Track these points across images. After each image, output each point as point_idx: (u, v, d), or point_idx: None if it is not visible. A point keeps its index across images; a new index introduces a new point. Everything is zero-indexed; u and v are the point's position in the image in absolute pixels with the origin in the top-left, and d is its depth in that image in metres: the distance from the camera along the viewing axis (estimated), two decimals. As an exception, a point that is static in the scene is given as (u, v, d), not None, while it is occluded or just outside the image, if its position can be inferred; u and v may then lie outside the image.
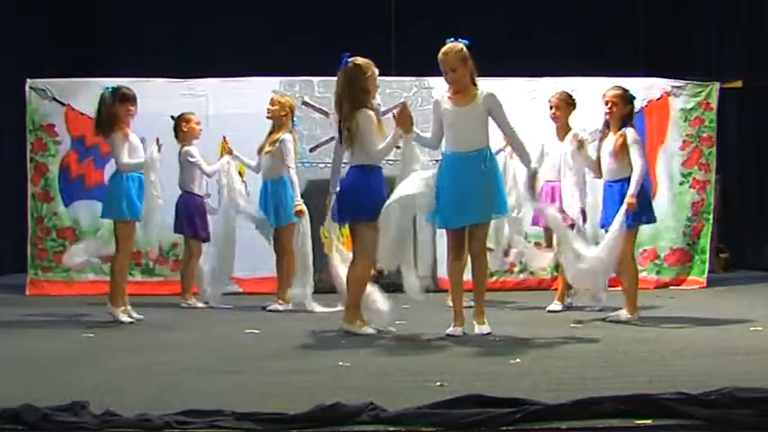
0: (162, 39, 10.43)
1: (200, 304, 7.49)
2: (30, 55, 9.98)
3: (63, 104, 8.61)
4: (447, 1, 10.60)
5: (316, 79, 8.71)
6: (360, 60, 5.86)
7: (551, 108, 7.32)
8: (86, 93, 8.64)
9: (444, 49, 5.75)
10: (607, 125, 6.54)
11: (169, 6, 10.59)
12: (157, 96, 8.45)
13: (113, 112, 6.63)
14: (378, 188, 5.81)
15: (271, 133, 7.37)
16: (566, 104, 7.30)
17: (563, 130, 7.24)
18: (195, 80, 8.66)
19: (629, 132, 6.39)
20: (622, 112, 6.45)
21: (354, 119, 5.77)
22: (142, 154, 6.65)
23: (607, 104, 6.48)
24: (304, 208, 7.13)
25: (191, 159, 7.49)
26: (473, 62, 5.75)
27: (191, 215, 7.53)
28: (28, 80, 8.63)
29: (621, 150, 6.36)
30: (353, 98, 5.80)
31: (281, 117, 7.32)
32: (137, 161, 6.62)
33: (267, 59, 9.44)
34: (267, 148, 7.32)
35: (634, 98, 6.61)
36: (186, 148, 7.54)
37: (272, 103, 7.38)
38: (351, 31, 10.30)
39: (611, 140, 6.44)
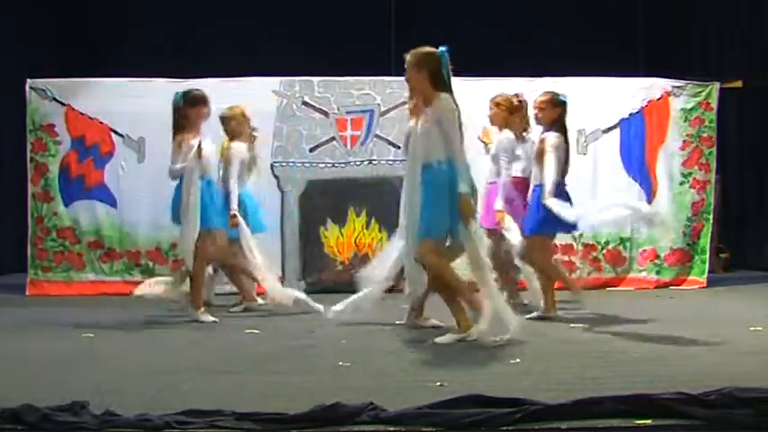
0: (162, 39, 10.43)
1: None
2: (30, 55, 9.98)
3: (63, 104, 8.60)
4: (447, 1, 10.60)
5: (316, 79, 8.71)
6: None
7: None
8: (86, 93, 8.67)
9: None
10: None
11: (169, 6, 10.60)
12: (157, 96, 8.45)
13: (184, 115, 6.61)
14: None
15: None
16: (505, 109, 7.16)
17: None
18: (195, 80, 8.64)
19: (549, 136, 6.41)
20: (550, 116, 6.46)
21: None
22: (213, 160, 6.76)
23: (536, 110, 6.55)
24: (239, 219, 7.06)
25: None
26: (432, 70, 5.46)
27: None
28: (28, 80, 8.63)
29: (542, 155, 6.38)
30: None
31: (245, 128, 7.36)
32: (179, 166, 6.60)
33: (267, 59, 9.44)
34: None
35: (564, 102, 6.56)
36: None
37: (236, 115, 7.34)
38: (351, 31, 10.31)
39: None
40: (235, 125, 7.33)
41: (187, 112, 6.57)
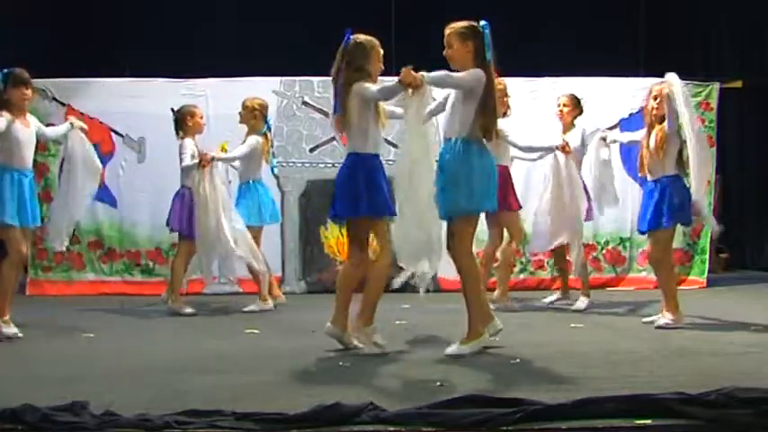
0: (162, 39, 10.43)
1: (188, 310, 7.11)
2: (30, 55, 9.97)
3: (63, 104, 8.59)
4: (447, 1, 10.59)
5: (316, 79, 8.71)
6: (362, 38, 5.48)
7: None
8: (86, 93, 8.66)
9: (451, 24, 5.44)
10: (650, 122, 6.32)
11: (169, 6, 10.58)
12: (157, 96, 8.46)
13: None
14: (382, 178, 5.32)
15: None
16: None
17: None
18: (195, 80, 8.65)
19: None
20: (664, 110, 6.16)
21: (349, 93, 5.29)
22: None
23: (656, 99, 6.19)
24: (207, 156, 7.07)
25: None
26: (477, 45, 5.32)
27: (189, 211, 7.43)
28: (28, 80, 8.62)
29: (662, 145, 6.12)
30: (356, 71, 5.36)
31: (249, 121, 7.36)
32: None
33: (267, 59, 9.43)
34: None
35: None
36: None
37: (243, 107, 7.41)
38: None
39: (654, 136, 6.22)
40: (245, 114, 7.42)
41: None
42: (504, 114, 7.09)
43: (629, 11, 10.77)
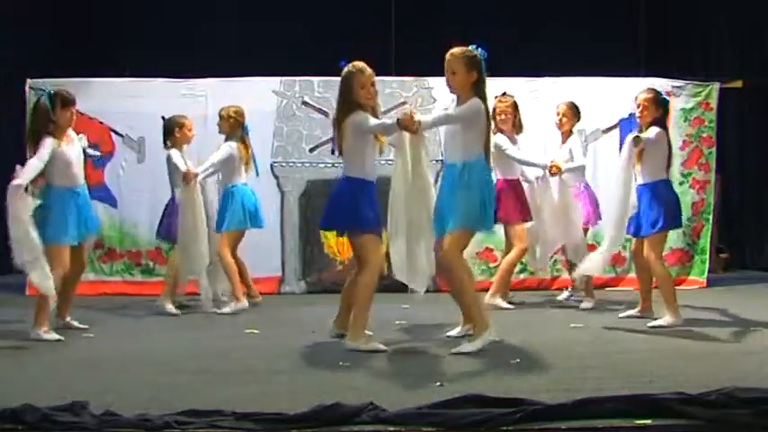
0: (162, 39, 10.44)
1: (173, 310, 7.16)
2: (30, 55, 9.98)
3: (63, 104, 8.58)
4: (447, 1, 10.60)
5: (316, 79, 8.71)
6: (349, 66, 5.57)
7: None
8: (86, 93, 8.64)
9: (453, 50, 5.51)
10: (640, 129, 6.46)
11: (169, 6, 10.59)
12: (157, 96, 8.45)
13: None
14: (368, 200, 5.51)
15: None
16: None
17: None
18: (195, 80, 8.65)
19: (648, 131, 6.31)
20: (654, 115, 6.38)
21: (345, 124, 5.48)
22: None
23: (638, 108, 6.45)
24: (192, 173, 7.05)
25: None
26: (480, 74, 5.42)
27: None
28: (28, 80, 8.63)
29: (639, 152, 6.31)
30: (344, 105, 5.53)
31: (227, 129, 7.39)
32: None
33: (267, 59, 9.43)
34: None
35: (667, 101, 6.64)
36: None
37: (219, 117, 7.44)
38: (351, 32, 10.30)
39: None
40: (221, 124, 7.43)
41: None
42: (521, 130, 7.39)
43: (629, 11, 10.77)
